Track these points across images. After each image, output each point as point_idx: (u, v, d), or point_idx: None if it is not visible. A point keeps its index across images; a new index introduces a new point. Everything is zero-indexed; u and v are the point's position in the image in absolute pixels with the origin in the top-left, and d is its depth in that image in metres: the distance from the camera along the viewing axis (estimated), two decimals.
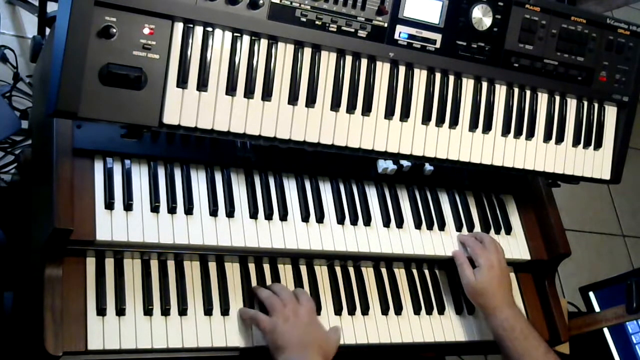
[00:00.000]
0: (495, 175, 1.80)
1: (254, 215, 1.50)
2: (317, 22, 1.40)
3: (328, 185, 1.62)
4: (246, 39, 1.37)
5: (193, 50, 1.32)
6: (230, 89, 1.36)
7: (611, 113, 1.78)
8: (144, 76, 1.27)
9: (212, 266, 1.49)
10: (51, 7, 2.25)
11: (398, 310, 1.62)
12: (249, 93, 1.37)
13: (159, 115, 1.30)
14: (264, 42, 1.39)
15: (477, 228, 1.75)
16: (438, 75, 1.56)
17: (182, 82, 1.31)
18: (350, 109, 1.47)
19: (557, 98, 1.70)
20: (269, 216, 1.51)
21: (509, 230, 1.78)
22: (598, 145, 1.76)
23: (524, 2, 1.58)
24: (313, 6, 1.39)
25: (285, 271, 1.56)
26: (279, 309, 1.42)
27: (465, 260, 1.67)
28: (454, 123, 1.58)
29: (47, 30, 2.21)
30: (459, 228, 1.72)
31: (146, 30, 1.27)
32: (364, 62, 1.48)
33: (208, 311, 1.43)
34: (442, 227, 1.70)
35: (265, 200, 1.53)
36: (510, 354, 1.58)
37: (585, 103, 1.74)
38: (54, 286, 1.31)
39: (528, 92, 1.67)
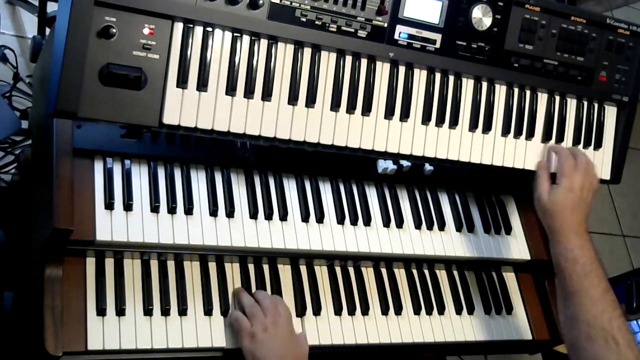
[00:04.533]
0: (495, 175, 1.80)
1: (253, 215, 1.50)
2: (317, 22, 1.40)
3: (328, 185, 1.62)
4: (246, 39, 1.37)
5: (193, 50, 1.32)
6: (230, 89, 1.36)
7: (611, 113, 1.78)
8: (144, 76, 1.27)
9: (212, 266, 1.49)
10: (51, 7, 2.25)
11: (398, 310, 1.62)
12: (248, 93, 1.37)
13: (158, 115, 1.30)
14: (264, 42, 1.39)
15: (477, 228, 1.74)
16: (438, 75, 1.56)
17: (182, 82, 1.31)
18: (350, 109, 1.47)
19: (557, 98, 1.70)
20: (268, 216, 1.51)
21: (509, 230, 1.78)
22: (598, 145, 1.76)
23: (524, 2, 1.58)
24: (313, 6, 1.39)
25: (285, 271, 1.56)
26: (260, 319, 1.41)
27: (546, 173, 1.60)
28: (453, 123, 1.58)
29: (47, 30, 2.21)
30: (459, 228, 1.72)
31: (146, 30, 1.27)
32: (364, 62, 1.48)
33: (208, 311, 1.43)
34: (442, 227, 1.70)
35: (265, 200, 1.53)
36: (565, 285, 1.48)
37: (585, 103, 1.74)
38: (54, 286, 1.31)
39: (528, 92, 1.67)
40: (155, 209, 1.41)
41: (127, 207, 1.39)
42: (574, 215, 1.55)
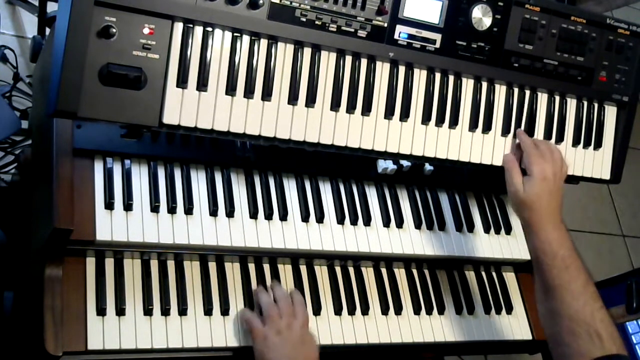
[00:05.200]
0: (495, 175, 1.80)
1: (254, 215, 1.50)
2: (317, 22, 1.40)
3: (328, 185, 1.62)
4: (246, 39, 1.37)
5: (193, 50, 1.32)
6: (230, 89, 1.36)
7: (611, 113, 1.78)
8: (144, 76, 1.27)
9: (212, 266, 1.49)
10: (51, 7, 2.25)
11: (398, 310, 1.62)
12: (248, 93, 1.37)
13: (158, 115, 1.30)
14: (263, 42, 1.39)
15: (477, 228, 1.74)
16: (438, 75, 1.56)
17: (182, 82, 1.31)
18: (350, 109, 1.47)
19: (557, 98, 1.70)
20: (269, 216, 1.51)
21: (509, 230, 1.78)
22: (598, 145, 1.76)
23: (524, 2, 1.58)
24: (313, 6, 1.39)
25: (285, 271, 1.56)
26: (275, 320, 1.41)
27: (516, 165, 1.56)
28: (453, 123, 1.58)
29: (47, 30, 2.21)
30: (459, 228, 1.72)
31: (146, 30, 1.27)
32: (364, 62, 1.48)
33: (208, 311, 1.43)
34: (442, 227, 1.70)
35: (265, 200, 1.53)
36: (545, 279, 1.45)
37: (585, 103, 1.74)
38: (54, 286, 1.31)
39: (528, 92, 1.67)
40: (155, 208, 1.41)
41: (127, 207, 1.39)
42: (550, 205, 1.49)
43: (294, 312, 1.45)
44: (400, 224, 1.65)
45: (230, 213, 1.48)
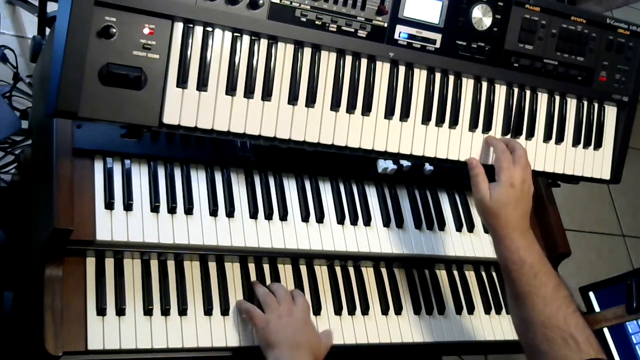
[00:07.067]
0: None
1: (254, 215, 1.50)
2: (317, 22, 1.40)
3: (328, 185, 1.62)
4: (246, 39, 1.37)
5: (193, 50, 1.32)
6: (230, 89, 1.36)
7: (611, 113, 1.78)
8: (144, 76, 1.27)
9: (212, 266, 1.49)
10: (51, 7, 2.25)
11: (398, 310, 1.62)
12: (248, 93, 1.37)
13: (158, 115, 1.30)
14: (264, 42, 1.39)
15: (477, 228, 1.74)
16: (438, 75, 1.56)
17: (182, 82, 1.31)
18: (350, 109, 1.47)
19: (557, 98, 1.70)
20: (269, 216, 1.51)
21: None
22: (598, 145, 1.76)
23: (524, 2, 1.58)
24: (313, 6, 1.39)
25: (285, 271, 1.56)
26: (274, 307, 1.43)
27: (482, 171, 1.52)
28: (453, 123, 1.58)
29: (47, 30, 2.21)
30: (459, 228, 1.72)
31: (146, 30, 1.27)
32: (364, 62, 1.48)
33: (208, 311, 1.43)
34: (442, 227, 1.70)
35: (265, 200, 1.53)
36: (515, 287, 1.41)
37: (585, 103, 1.74)
38: (54, 286, 1.31)
39: (528, 92, 1.67)
40: (155, 208, 1.41)
41: (127, 207, 1.39)
42: (516, 212, 1.46)
43: (293, 300, 1.46)
44: (400, 224, 1.65)
45: (230, 213, 1.48)
